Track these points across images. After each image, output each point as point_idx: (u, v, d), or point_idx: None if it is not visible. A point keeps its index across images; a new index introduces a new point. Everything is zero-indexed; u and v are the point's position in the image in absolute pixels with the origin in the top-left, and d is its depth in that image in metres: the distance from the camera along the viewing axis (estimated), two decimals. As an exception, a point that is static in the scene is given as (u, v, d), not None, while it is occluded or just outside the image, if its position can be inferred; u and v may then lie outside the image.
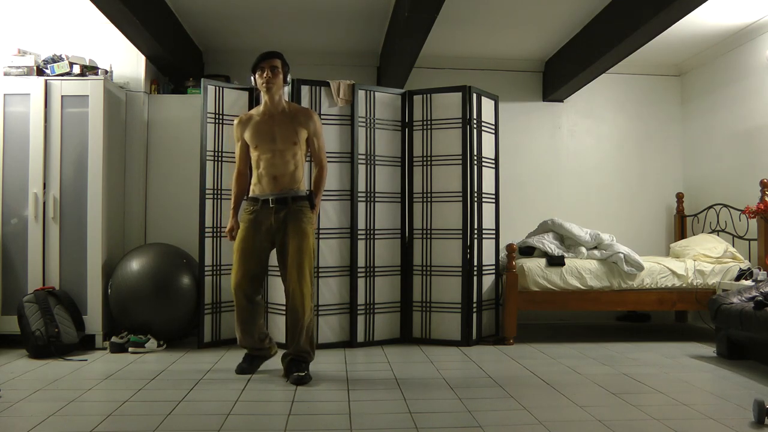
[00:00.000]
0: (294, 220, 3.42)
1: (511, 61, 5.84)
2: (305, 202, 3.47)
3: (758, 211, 4.53)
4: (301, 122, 3.50)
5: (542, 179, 5.88)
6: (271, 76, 3.44)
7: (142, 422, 2.65)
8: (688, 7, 3.87)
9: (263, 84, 3.46)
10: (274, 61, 3.47)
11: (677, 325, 5.65)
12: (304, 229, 3.42)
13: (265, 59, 3.47)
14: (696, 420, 2.73)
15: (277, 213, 3.42)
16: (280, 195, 3.43)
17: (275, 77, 3.46)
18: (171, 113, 4.80)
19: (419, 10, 3.90)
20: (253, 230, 3.45)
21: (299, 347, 3.43)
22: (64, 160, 4.29)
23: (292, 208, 3.43)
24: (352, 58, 5.70)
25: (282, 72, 3.49)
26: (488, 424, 2.66)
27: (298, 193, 3.46)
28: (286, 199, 3.43)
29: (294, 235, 3.40)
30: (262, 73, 3.46)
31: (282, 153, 3.45)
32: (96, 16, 4.17)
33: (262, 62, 3.47)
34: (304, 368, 3.40)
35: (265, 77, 3.45)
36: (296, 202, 3.44)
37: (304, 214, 3.44)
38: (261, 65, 3.47)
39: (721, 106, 5.45)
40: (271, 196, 3.43)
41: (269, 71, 3.45)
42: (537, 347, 4.44)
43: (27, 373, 3.55)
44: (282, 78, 3.50)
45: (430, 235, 4.57)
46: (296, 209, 3.44)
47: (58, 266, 4.25)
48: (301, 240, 3.39)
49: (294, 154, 3.48)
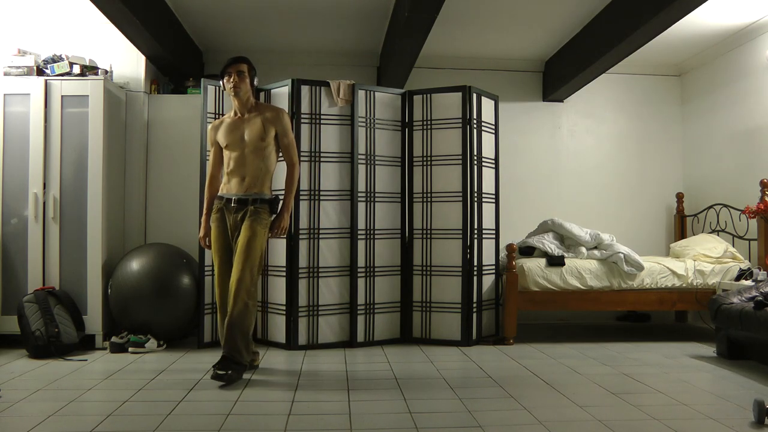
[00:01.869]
0: (248, 220, 3.49)
1: (511, 61, 5.84)
2: (265, 206, 3.54)
3: (758, 211, 4.53)
4: (268, 119, 3.59)
5: (542, 179, 5.88)
6: (237, 81, 3.54)
7: (142, 422, 2.65)
8: (688, 7, 3.87)
9: (231, 88, 3.56)
10: (240, 66, 3.57)
11: (677, 325, 5.65)
12: (254, 227, 3.48)
13: (231, 64, 3.57)
14: (696, 420, 2.73)
15: (236, 213, 3.53)
16: (243, 196, 3.53)
17: (242, 81, 3.55)
18: (171, 113, 4.81)
19: (419, 10, 3.90)
20: (219, 229, 3.58)
21: (228, 344, 3.39)
22: (64, 160, 4.29)
23: (250, 209, 3.51)
24: (352, 58, 5.70)
25: (249, 76, 3.59)
26: (488, 424, 2.66)
27: (260, 196, 3.54)
28: (247, 201, 3.52)
29: (244, 232, 3.47)
30: (230, 78, 3.55)
31: (251, 152, 3.55)
32: (96, 16, 4.17)
33: (228, 67, 3.57)
34: (227, 366, 3.30)
35: (232, 81, 3.54)
36: (255, 204, 3.52)
37: (260, 215, 3.51)
38: (228, 70, 3.57)
39: (721, 106, 5.45)
40: (235, 196, 3.54)
41: (236, 76, 3.54)
42: (537, 347, 4.44)
43: (27, 373, 3.55)
44: (249, 81, 3.59)
45: (430, 235, 4.57)
46: (253, 210, 3.50)
47: (58, 266, 4.25)
48: (249, 236, 3.45)
49: (263, 156, 3.56)
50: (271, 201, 3.57)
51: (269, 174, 3.61)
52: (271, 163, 3.61)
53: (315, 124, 4.39)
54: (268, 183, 3.61)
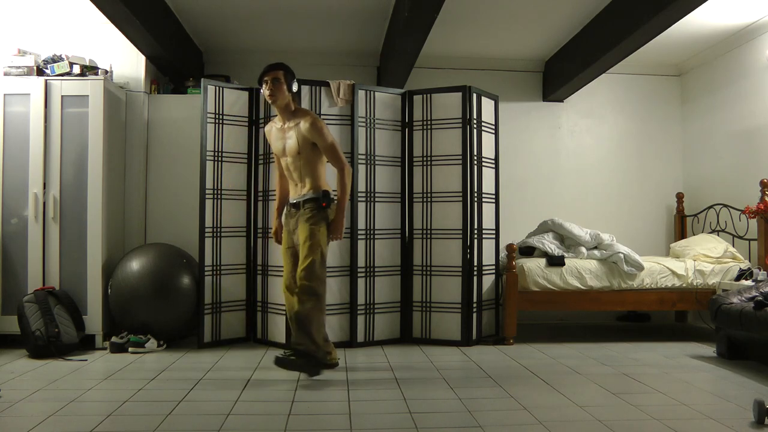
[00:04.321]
0: (301, 221, 3.55)
1: (511, 61, 5.84)
2: (312, 203, 3.54)
3: (758, 211, 4.53)
4: (302, 131, 3.56)
5: (542, 179, 5.88)
6: (273, 89, 3.53)
7: (142, 422, 2.65)
8: (688, 7, 3.87)
9: (268, 96, 3.56)
10: (276, 73, 3.55)
11: (677, 325, 5.65)
12: (307, 227, 3.50)
13: (266, 72, 3.56)
14: (696, 420, 2.73)
15: (293, 217, 3.63)
16: (296, 200, 3.62)
17: (278, 89, 3.54)
18: (171, 113, 4.81)
19: (419, 10, 3.90)
20: (286, 232, 3.69)
21: (294, 339, 3.48)
22: (64, 160, 4.29)
23: (302, 211, 3.56)
24: (352, 58, 5.70)
25: (285, 82, 3.55)
26: (488, 424, 2.66)
27: (309, 196, 3.56)
28: (299, 204, 3.58)
29: (300, 234, 3.53)
30: (266, 86, 3.56)
31: (293, 162, 3.60)
32: (96, 16, 4.17)
33: (264, 75, 3.57)
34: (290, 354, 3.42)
35: (268, 89, 3.54)
36: (305, 206, 3.55)
37: (311, 214, 3.52)
38: (264, 78, 3.56)
39: (721, 106, 5.45)
40: (293, 200, 3.65)
41: (271, 83, 3.53)
42: (537, 347, 4.44)
43: (27, 373, 3.55)
44: (286, 87, 3.56)
45: (430, 235, 4.57)
46: (304, 212, 3.54)
47: (58, 266, 4.25)
48: (305, 237, 3.49)
49: (304, 163, 3.57)
50: (316, 198, 3.55)
51: (317, 175, 3.58)
52: (315, 168, 3.57)
53: (315, 124, 4.39)
54: (318, 182, 3.57)
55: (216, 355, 4.06)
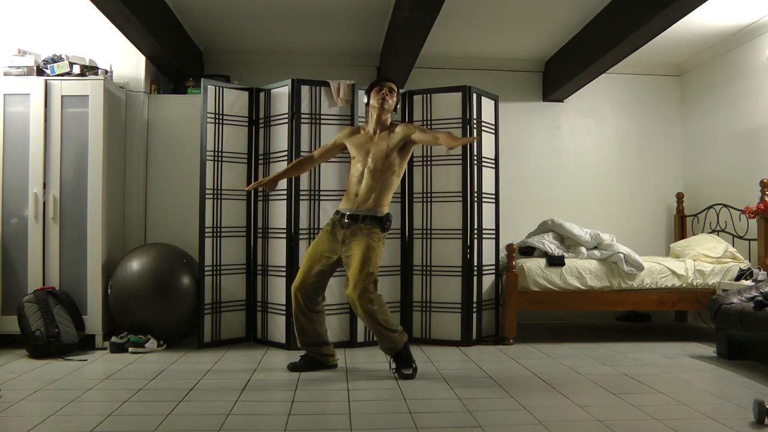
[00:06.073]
0: (359, 234, 3.51)
1: (511, 61, 5.84)
2: (376, 222, 3.55)
3: (758, 211, 4.53)
4: (395, 132, 3.61)
5: (542, 179, 5.88)
6: (390, 96, 3.63)
7: (142, 422, 2.65)
8: (688, 7, 3.87)
9: (379, 100, 3.61)
10: (393, 85, 3.68)
11: (677, 325, 5.65)
12: (366, 240, 3.48)
13: (387, 80, 3.70)
14: (696, 420, 2.73)
15: (346, 228, 3.55)
16: (356, 212, 3.55)
17: (391, 96, 3.65)
18: (171, 113, 4.80)
19: (419, 10, 3.91)
20: (326, 239, 3.59)
21: (380, 343, 3.55)
22: (64, 160, 4.29)
23: (360, 225, 3.53)
24: (352, 58, 5.70)
25: (397, 97, 3.68)
26: (488, 424, 2.66)
27: (372, 213, 3.55)
28: (357, 217, 3.54)
29: (357, 245, 3.48)
30: (381, 90, 3.64)
31: (372, 171, 3.57)
32: (96, 16, 4.17)
33: (383, 81, 3.69)
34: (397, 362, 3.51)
35: (382, 94, 3.62)
36: (366, 221, 3.53)
37: (371, 231, 3.52)
38: (382, 83, 3.67)
39: (721, 106, 5.45)
40: (348, 211, 3.57)
41: (387, 90, 3.64)
42: (537, 347, 4.44)
43: (27, 373, 3.55)
44: (395, 101, 3.67)
45: (430, 235, 4.57)
46: (363, 226, 3.52)
47: (58, 266, 4.25)
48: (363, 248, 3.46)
49: (382, 178, 3.57)
50: (381, 219, 3.56)
51: (385, 194, 3.59)
52: (386, 186, 3.59)
53: (315, 124, 4.39)
54: (383, 204, 3.59)
55: (216, 355, 4.06)
